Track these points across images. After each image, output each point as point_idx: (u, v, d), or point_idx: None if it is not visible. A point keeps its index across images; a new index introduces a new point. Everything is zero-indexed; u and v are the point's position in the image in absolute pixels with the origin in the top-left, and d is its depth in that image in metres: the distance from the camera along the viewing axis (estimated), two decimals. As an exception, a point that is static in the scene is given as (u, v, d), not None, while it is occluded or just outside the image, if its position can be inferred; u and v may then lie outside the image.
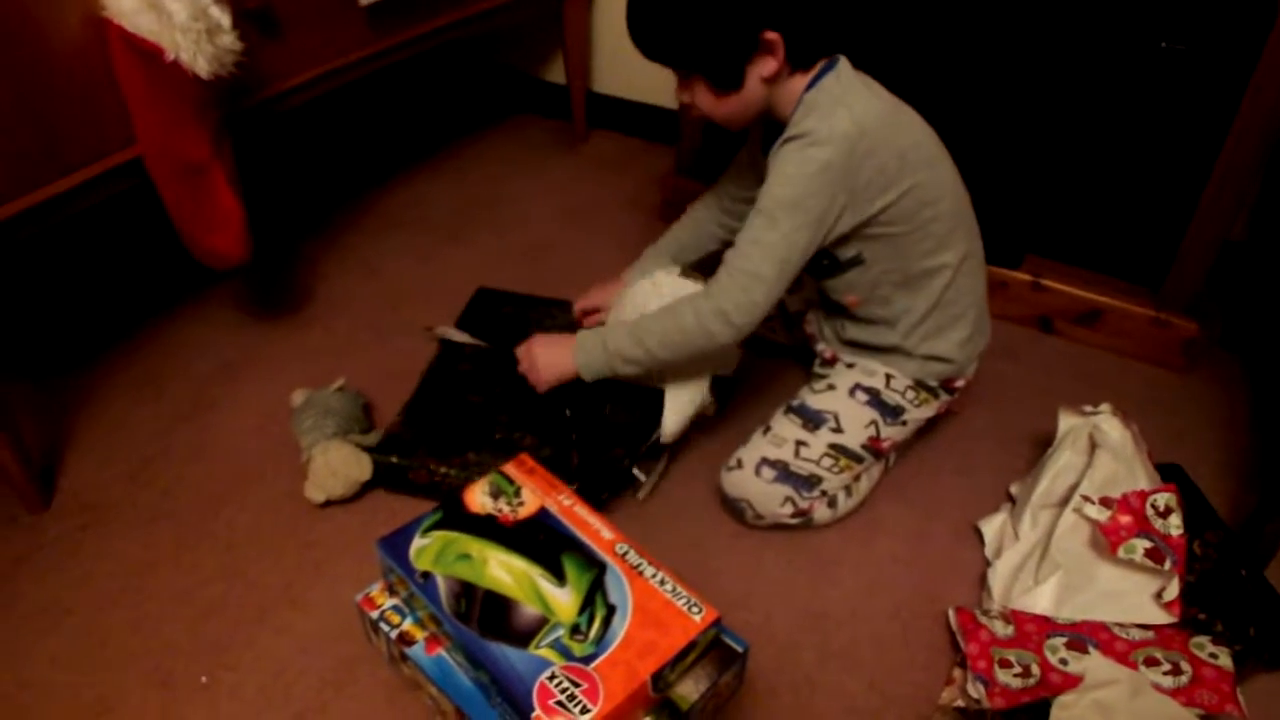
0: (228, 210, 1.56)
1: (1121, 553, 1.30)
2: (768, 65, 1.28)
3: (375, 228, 2.29)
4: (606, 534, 1.12)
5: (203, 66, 1.37)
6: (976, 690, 1.21)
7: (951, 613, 1.34)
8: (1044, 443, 1.58)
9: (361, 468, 1.49)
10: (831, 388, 1.50)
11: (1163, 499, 1.33)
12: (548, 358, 1.48)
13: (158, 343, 1.89)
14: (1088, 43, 1.68)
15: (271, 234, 2.10)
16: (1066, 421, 1.53)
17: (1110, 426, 1.46)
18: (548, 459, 1.41)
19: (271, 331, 1.93)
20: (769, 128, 1.43)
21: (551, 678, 0.96)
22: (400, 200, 2.41)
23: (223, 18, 1.38)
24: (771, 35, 1.25)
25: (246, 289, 2.03)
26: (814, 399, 1.49)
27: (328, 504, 1.51)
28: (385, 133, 2.79)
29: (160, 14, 1.31)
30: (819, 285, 1.52)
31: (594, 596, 1.05)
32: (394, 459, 1.49)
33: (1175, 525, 1.31)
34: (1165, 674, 1.20)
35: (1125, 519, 1.33)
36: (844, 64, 1.34)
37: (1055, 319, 1.91)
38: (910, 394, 1.49)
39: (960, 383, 1.53)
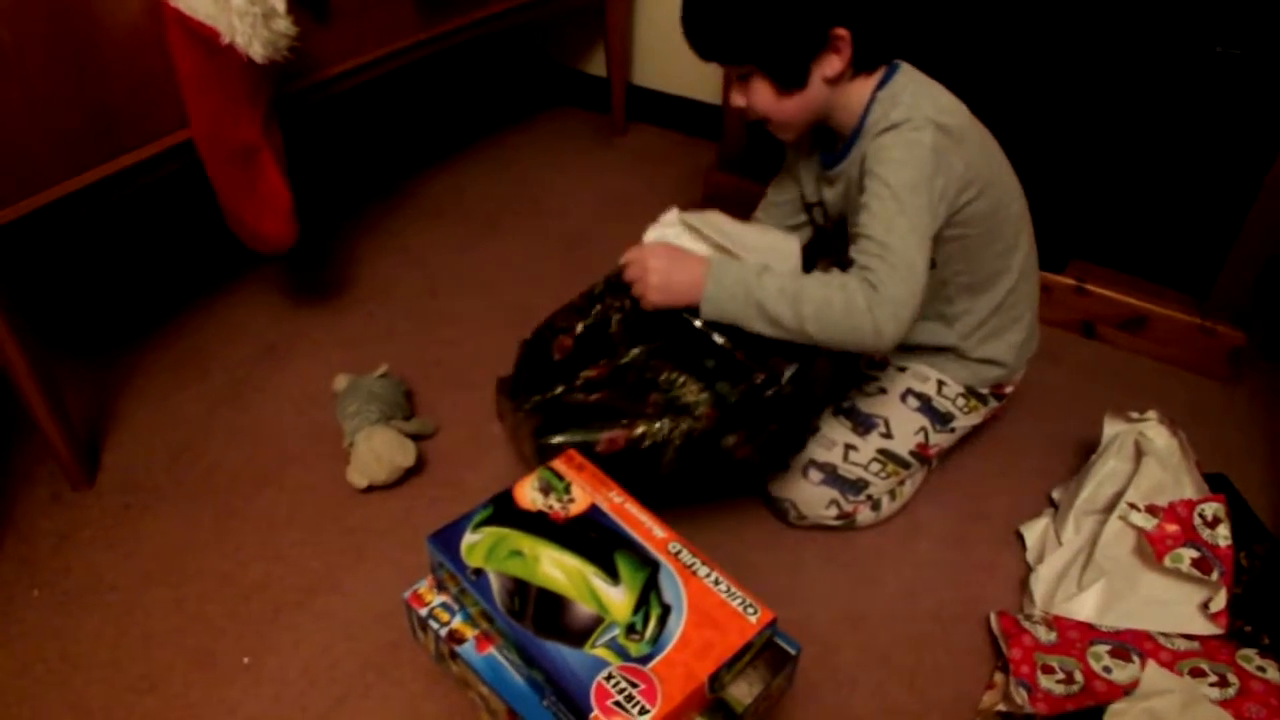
0: (276, 194, 1.56)
1: (1168, 561, 1.30)
2: (833, 64, 1.25)
3: (414, 216, 2.29)
4: (659, 532, 1.12)
5: (258, 51, 1.36)
6: (1019, 695, 1.21)
7: (993, 616, 1.34)
8: (1086, 448, 1.58)
9: (406, 453, 1.50)
10: (883, 391, 1.49)
11: (1210, 509, 1.33)
12: (668, 274, 1.27)
13: (200, 324, 1.90)
14: (1141, 46, 1.66)
15: (313, 219, 2.10)
16: (1112, 428, 1.52)
17: (1156, 434, 1.45)
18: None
19: (312, 316, 1.93)
20: (819, 136, 1.43)
21: (609, 678, 0.96)
22: (440, 189, 2.41)
23: (278, 2, 1.37)
24: (840, 32, 1.23)
25: (287, 273, 2.04)
26: (865, 402, 1.49)
27: (369, 489, 1.51)
28: (425, 121, 2.78)
29: (218, -2, 1.31)
30: None
31: (648, 596, 1.04)
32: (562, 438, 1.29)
33: (1223, 536, 1.31)
34: (1212, 686, 1.20)
35: (1172, 528, 1.32)
36: (908, 66, 1.32)
37: (1098, 324, 1.90)
38: (961, 401, 1.48)
39: (1009, 389, 1.52)
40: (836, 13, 1.22)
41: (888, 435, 1.45)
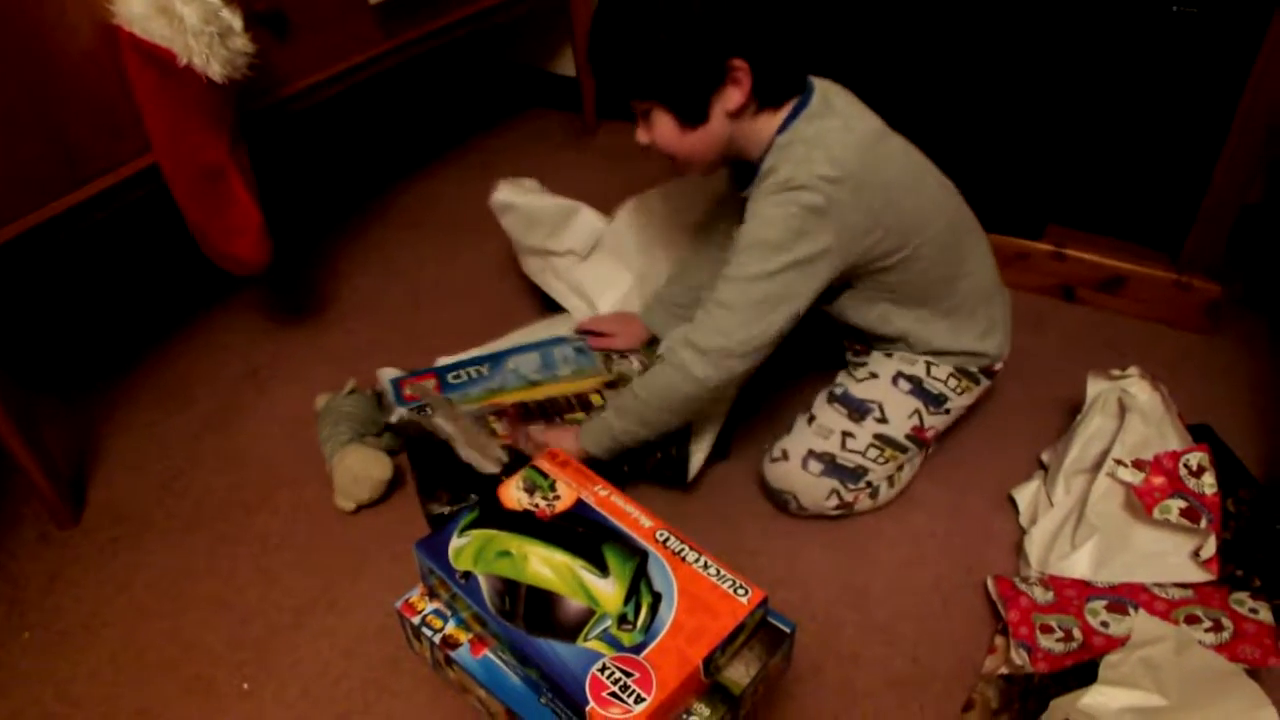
0: (245, 214, 1.56)
1: (1157, 514, 1.30)
2: (733, 97, 1.25)
3: (393, 227, 2.29)
4: (645, 522, 1.12)
5: (216, 70, 1.36)
6: (1020, 657, 1.22)
7: (990, 581, 1.34)
8: (1073, 410, 1.58)
9: (381, 467, 1.48)
10: (874, 376, 1.47)
11: (1195, 458, 1.33)
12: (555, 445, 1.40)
13: (183, 352, 1.89)
14: (1099, 8, 1.66)
15: (290, 237, 2.10)
16: (1095, 386, 1.52)
17: (1139, 390, 1.46)
18: None
19: (296, 336, 1.93)
20: (739, 169, 1.41)
21: (603, 669, 0.96)
22: (416, 199, 2.41)
23: (234, 20, 1.37)
24: (738, 63, 1.22)
25: (269, 294, 2.03)
26: (857, 388, 1.47)
27: (359, 510, 1.51)
28: (398, 132, 2.78)
29: (171, 19, 1.30)
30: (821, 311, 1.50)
31: (638, 585, 1.04)
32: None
33: (1209, 484, 1.31)
34: (1207, 631, 1.20)
35: (1159, 480, 1.33)
36: (816, 99, 1.29)
37: (1078, 287, 1.90)
38: (952, 381, 1.47)
39: (998, 366, 1.52)
40: (734, 44, 1.21)
41: (883, 420, 1.43)
